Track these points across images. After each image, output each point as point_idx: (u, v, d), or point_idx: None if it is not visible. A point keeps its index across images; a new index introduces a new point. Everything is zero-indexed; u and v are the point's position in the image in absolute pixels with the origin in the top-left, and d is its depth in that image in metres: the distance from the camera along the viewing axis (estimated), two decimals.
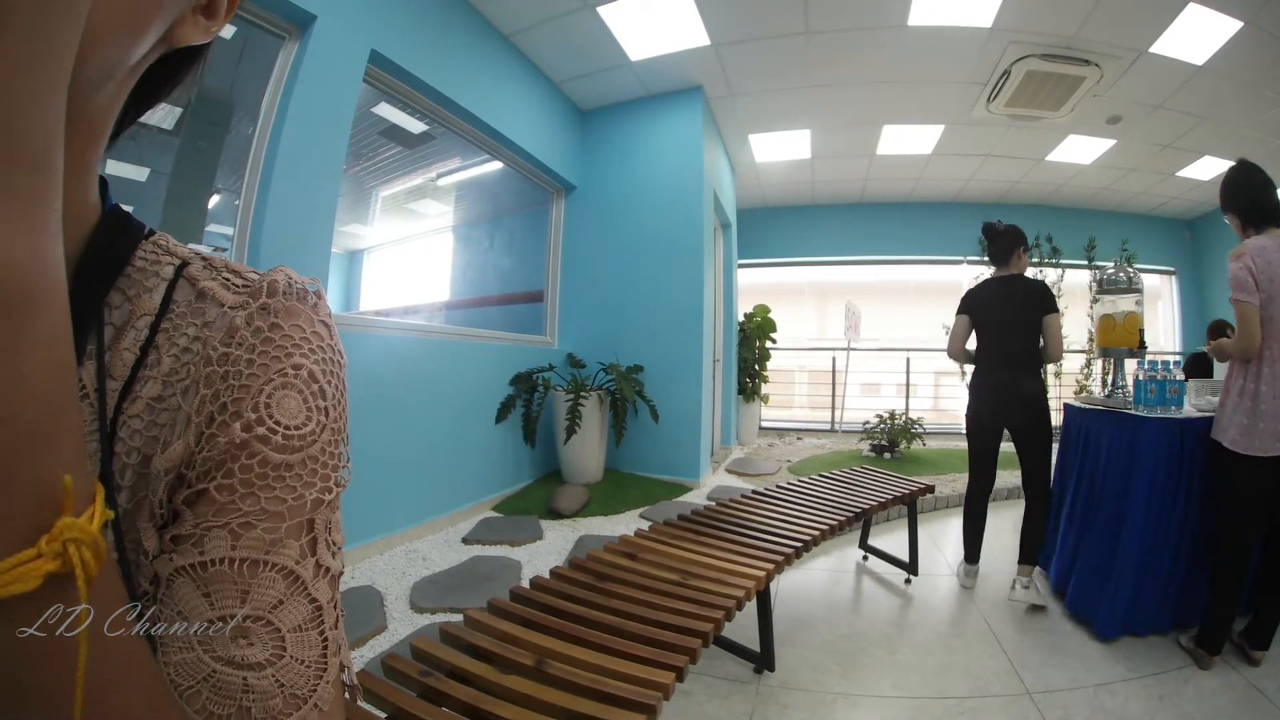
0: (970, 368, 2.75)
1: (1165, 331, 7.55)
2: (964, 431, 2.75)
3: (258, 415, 0.30)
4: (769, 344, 6.59)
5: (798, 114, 4.96)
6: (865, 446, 5.53)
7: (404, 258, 4.44)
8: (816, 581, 2.72)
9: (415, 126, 3.60)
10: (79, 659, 0.19)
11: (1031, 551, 2.44)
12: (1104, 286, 2.62)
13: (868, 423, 5.53)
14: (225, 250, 2.38)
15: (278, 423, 0.30)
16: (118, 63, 0.28)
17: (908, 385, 7.18)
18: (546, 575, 1.60)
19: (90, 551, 0.19)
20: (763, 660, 1.87)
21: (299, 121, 2.40)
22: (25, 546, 0.17)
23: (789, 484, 2.68)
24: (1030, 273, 2.71)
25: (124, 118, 0.36)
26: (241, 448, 0.29)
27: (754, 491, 2.55)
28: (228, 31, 2.31)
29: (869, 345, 7.38)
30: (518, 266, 4.76)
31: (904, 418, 5.45)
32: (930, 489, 2.74)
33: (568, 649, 1.20)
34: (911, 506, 2.71)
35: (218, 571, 0.28)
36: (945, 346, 2.85)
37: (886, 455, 5.28)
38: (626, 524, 3.34)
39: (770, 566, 1.69)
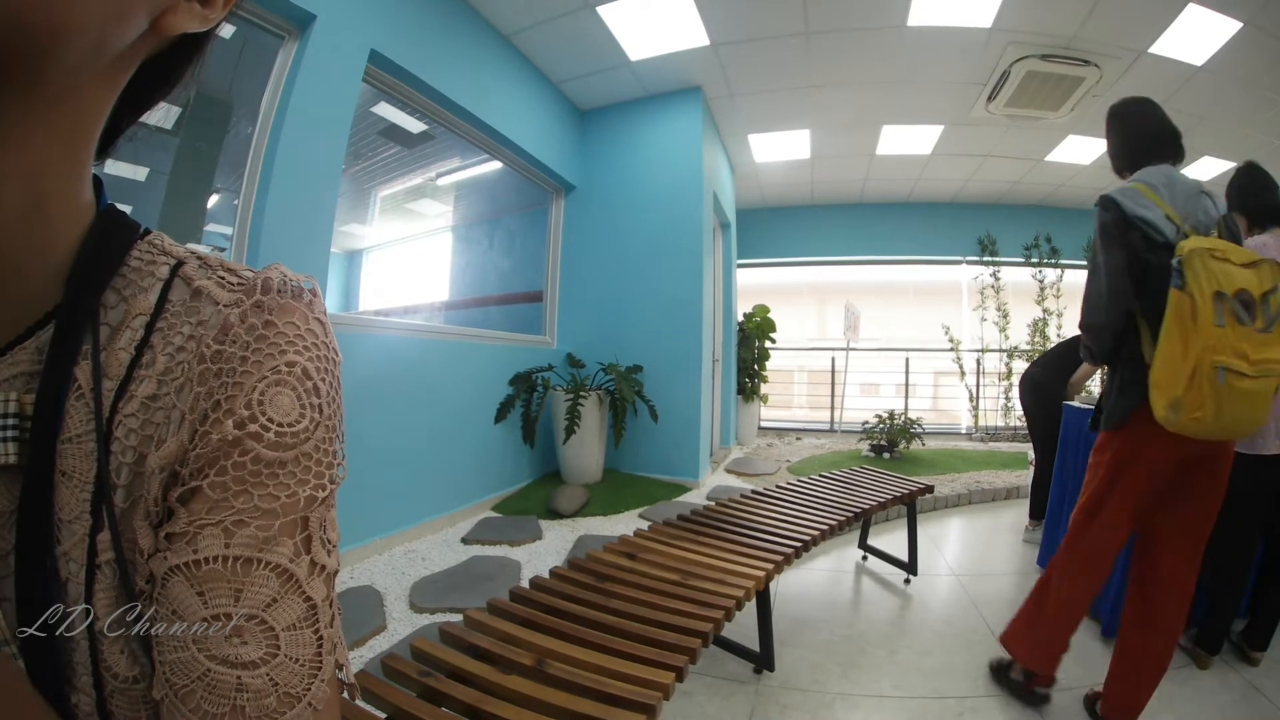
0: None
1: None
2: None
3: (250, 412, 0.30)
4: (768, 344, 6.59)
5: (797, 114, 4.96)
6: (864, 446, 5.53)
7: (403, 258, 4.44)
8: (816, 581, 2.71)
9: (414, 126, 3.60)
10: None
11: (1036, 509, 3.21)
12: None
13: (867, 423, 5.53)
14: (224, 250, 2.38)
15: (270, 420, 0.30)
16: (103, 49, 0.28)
17: (907, 385, 7.18)
18: (546, 575, 1.60)
19: None
20: (762, 660, 1.87)
21: (298, 121, 2.40)
22: None
23: (788, 484, 2.68)
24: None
25: (123, 118, 0.35)
26: (234, 445, 0.29)
27: (753, 491, 2.55)
28: (226, 31, 2.31)
29: (868, 345, 7.39)
30: (517, 266, 4.76)
31: (903, 418, 5.45)
32: (929, 489, 2.74)
33: (568, 649, 1.20)
34: (911, 506, 2.71)
35: (211, 570, 0.28)
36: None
37: (886, 455, 5.27)
38: (626, 524, 3.34)
39: (770, 566, 1.69)
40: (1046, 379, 3.29)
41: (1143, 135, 1.60)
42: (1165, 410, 1.32)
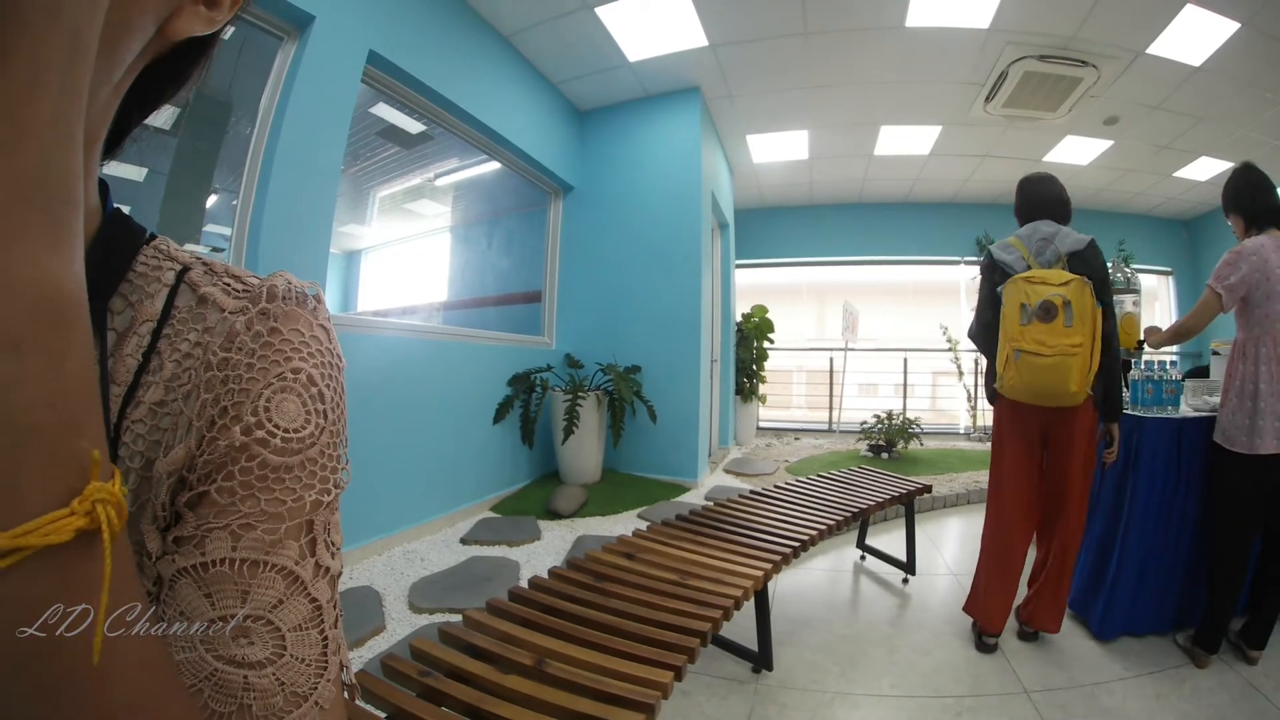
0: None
1: None
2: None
3: (257, 419, 0.30)
4: (767, 344, 6.59)
5: (795, 115, 4.97)
6: (863, 446, 5.54)
7: (402, 258, 4.44)
8: (814, 581, 2.72)
9: (413, 127, 3.60)
10: (95, 648, 0.20)
11: None
12: None
13: (865, 423, 5.53)
14: (223, 250, 2.38)
15: (277, 426, 0.30)
16: (112, 63, 0.28)
17: (905, 385, 7.18)
18: (545, 575, 1.61)
19: (114, 510, 0.21)
20: (761, 660, 1.87)
21: (297, 122, 2.40)
22: (61, 507, 0.20)
23: (787, 484, 2.68)
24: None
25: (129, 118, 0.36)
26: (241, 450, 0.30)
27: (752, 491, 2.56)
28: (226, 32, 2.30)
29: (866, 345, 7.39)
30: (516, 267, 4.76)
31: (901, 418, 5.45)
32: (928, 489, 2.75)
33: (567, 649, 1.20)
34: (909, 506, 2.71)
35: (218, 572, 0.28)
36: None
37: (884, 455, 5.28)
38: (625, 524, 3.34)
39: (768, 566, 1.69)
40: None
41: (1029, 203, 2.14)
42: (999, 381, 1.97)
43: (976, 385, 6.95)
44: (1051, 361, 1.81)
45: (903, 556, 2.71)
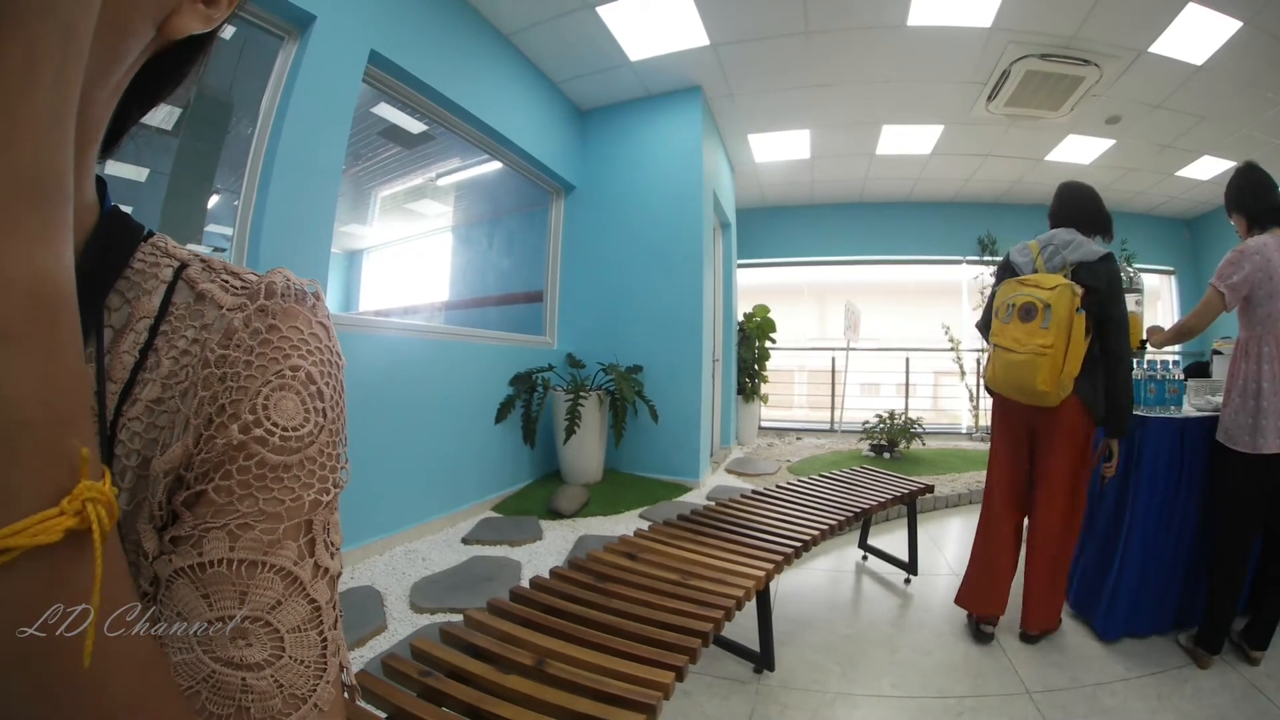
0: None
1: None
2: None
3: (255, 417, 0.30)
4: (768, 344, 6.59)
5: (797, 114, 4.96)
6: (865, 446, 5.53)
7: (403, 258, 4.43)
8: (816, 581, 2.72)
9: (415, 126, 3.60)
10: (85, 649, 0.20)
11: None
12: None
13: (867, 423, 5.52)
14: (225, 251, 2.38)
15: (275, 424, 0.30)
16: (110, 64, 0.28)
17: (907, 385, 7.17)
18: (546, 575, 1.60)
19: (105, 510, 0.21)
20: (762, 660, 1.87)
21: (298, 122, 2.40)
22: (51, 506, 0.19)
23: (789, 484, 2.68)
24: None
25: (127, 116, 0.35)
26: (239, 449, 0.29)
27: (754, 491, 2.55)
28: (227, 32, 2.30)
29: (868, 345, 7.38)
30: (517, 266, 4.76)
31: (903, 418, 5.45)
32: (930, 489, 2.74)
33: (568, 649, 1.20)
34: (911, 506, 2.71)
35: (216, 573, 0.28)
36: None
37: (886, 455, 5.27)
38: (626, 524, 3.34)
39: (770, 566, 1.69)
40: None
41: (1058, 210, 2.20)
42: (984, 372, 2.15)
43: (978, 385, 6.95)
44: (1023, 359, 1.92)
45: (905, 556, 2.71)
